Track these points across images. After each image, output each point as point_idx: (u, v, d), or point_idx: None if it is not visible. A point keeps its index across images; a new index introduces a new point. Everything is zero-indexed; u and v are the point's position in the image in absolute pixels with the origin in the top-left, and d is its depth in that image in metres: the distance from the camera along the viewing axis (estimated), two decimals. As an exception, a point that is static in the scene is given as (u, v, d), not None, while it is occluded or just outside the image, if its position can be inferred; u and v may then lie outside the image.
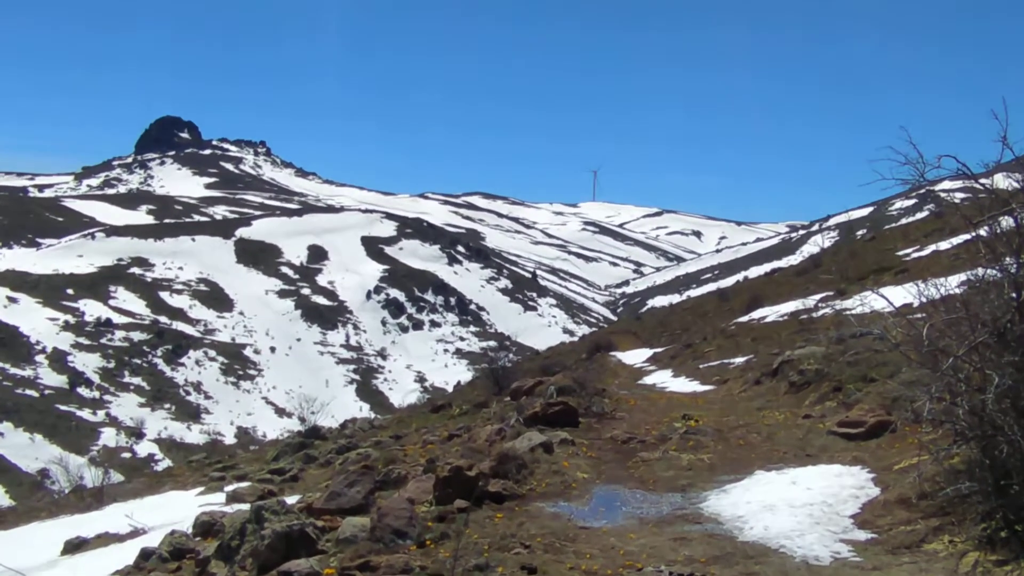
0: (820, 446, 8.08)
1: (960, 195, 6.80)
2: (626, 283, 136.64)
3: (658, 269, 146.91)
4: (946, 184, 5.71)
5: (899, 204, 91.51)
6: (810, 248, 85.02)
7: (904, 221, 58.51)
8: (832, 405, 9.69)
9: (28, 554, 11.17)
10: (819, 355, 11.44)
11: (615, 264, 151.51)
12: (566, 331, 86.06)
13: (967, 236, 8.52)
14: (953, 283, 6.79)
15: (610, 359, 21.89)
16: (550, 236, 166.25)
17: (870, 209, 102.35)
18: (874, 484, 6.62)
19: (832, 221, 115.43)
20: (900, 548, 5.64)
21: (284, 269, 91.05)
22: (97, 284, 73.40)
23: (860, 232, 59.77)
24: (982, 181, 5.65)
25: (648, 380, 16.17)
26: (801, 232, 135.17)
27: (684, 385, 14.57)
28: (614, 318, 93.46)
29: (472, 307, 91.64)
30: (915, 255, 24.31)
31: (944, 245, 22.95)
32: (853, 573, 5.22)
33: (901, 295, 9.80)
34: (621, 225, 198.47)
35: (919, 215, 52.87)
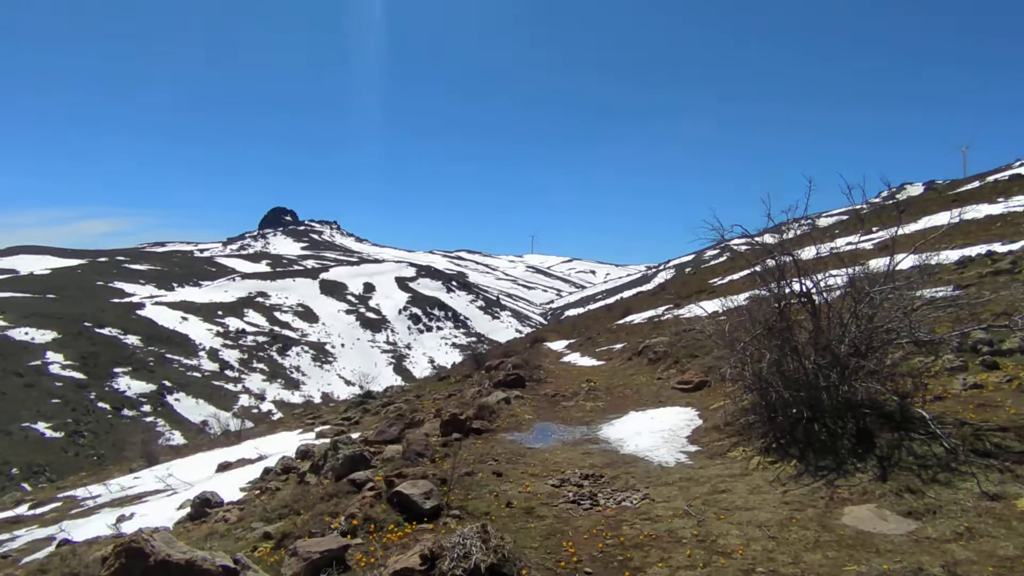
0: (667, 396, 14.14)
1: (744, 247, 12.21)
2: (551, 303, 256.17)
3: (570, 294, 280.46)
4: (737, 240, 12.31)
5: (710, 252, 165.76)
6: (660, 279, 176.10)
7: (713, 263, 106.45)
8: (673, 372, 16.55)
9: (195, 472, 21.71)
10: (665, 342, 20.82)
11: (545, 291, 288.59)
12: (518, 331, 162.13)
13: (749, 271, 14.21)
14: (742, 298, 13.10)
15: (544, 347, 34.55)
16: (506, 274, 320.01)
17: (692, 256, 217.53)
18: (699, 418, 12.21)
19: (672, 263, 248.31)
20: (715, 455, 10.26)
21: (349, 297, 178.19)
22: (236, 308, 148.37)
23: (687, 269, 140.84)
24: (756, 239, 11.40)
25: (566, 359, 26.94)
26: (654, 270, 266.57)
27: (587, 362, 24.46)
28: (545, 323, 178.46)
29: (462, 318, 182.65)
30: (720, 282, 42.79)
31: (736, 276, 40.13)
32: (687, 470, 9.71)
33: (713, 306, 16.34)
34: (548, 268, 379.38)
35: (721, 259, 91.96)
